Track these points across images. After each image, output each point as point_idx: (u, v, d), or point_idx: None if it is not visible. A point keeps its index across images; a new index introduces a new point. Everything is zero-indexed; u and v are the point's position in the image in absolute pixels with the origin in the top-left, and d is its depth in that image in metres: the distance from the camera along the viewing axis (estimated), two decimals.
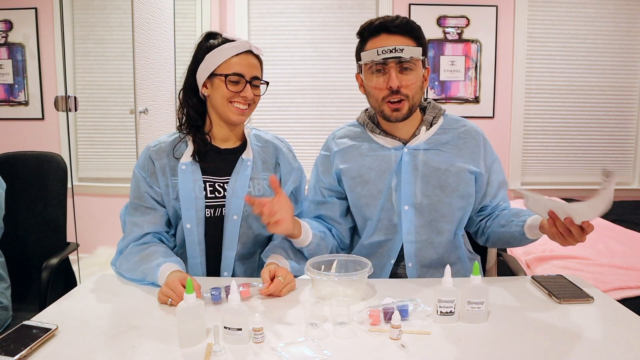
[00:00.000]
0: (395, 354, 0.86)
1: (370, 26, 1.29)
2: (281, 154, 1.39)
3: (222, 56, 1.28)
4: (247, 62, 1.30)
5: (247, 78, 1.29)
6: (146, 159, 1.33)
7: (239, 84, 1.28)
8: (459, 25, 3.45)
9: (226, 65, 1.28)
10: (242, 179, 1.31)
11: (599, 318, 1.01)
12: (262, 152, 1.37)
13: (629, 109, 3.59)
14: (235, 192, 1.30)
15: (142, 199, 1.31)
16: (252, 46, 1.32)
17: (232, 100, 1.29)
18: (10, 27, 3.43)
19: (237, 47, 1.29)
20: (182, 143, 1.34)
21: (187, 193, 1.28)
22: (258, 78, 1.33)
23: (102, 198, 3.35)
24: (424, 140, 1.33)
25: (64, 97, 2.53)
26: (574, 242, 1.11)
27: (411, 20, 1.29)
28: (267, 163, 1.37)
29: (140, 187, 1.32)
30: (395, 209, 1.33)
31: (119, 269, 1.27)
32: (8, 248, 1.52)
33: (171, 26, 3.02)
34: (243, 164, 1.33)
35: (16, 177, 1.70)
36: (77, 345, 0.90)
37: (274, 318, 1.01)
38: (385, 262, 1.36)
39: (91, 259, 3.30)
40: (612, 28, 3.49)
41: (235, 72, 1.28)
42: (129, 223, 1.32)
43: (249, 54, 1.31)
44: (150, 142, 1.37)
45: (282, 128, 3.52)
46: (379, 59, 1.25)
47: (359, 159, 1.36)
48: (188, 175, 1.29)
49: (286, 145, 1.44)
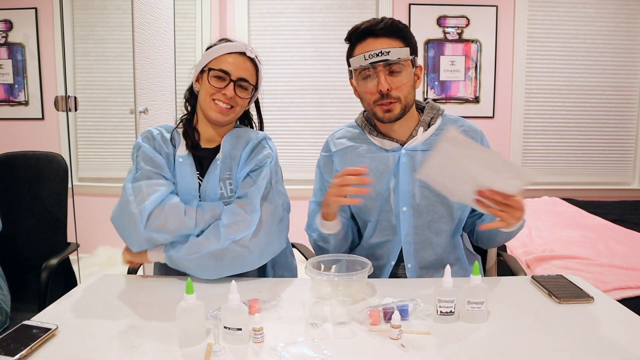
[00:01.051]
0: (395, 353, 0.86)
1: (356, 31, 1.29)
2: (248, 145, 1.33)
3: (215, 53, 1.30)
4: (238, 62, 1.30)
5: (232, 77, 1.28)
6: (152, 140, 1.32)
7: (222, 81, 1.28)
8: (459, 25, 3.45)
9: (216, 62, 1.29)
10: (212, 180, 1.30)
11: (598, 318, 1.01)
12: (232, 149, 1.33)
13: (629, 109, 3.59)
14: (208, 195, 1.30)
15: (158, 167, 1.27)
16: (247, 48, 1.31)
17: (214, 97, 1.28)
18: (10, 27, 3.43)
19: (231, 47, 1.30)
20: (176, 134, 1.36)
21: (185, 187, 1.29)
22: (246, 80, 1.31)
23: (102, 198, 3.35)
24: (421, 141, 1.33)
25: (64, 97, 2.53)
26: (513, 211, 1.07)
27: (397, 21, 1.28)
28: (235, 159, 1.32)
29: (155, 158, 1.28)
30: (393, 210, 1.33)
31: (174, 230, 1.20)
32: (8, 248, 1.52)
33: (171, 26, 3.02)
34: (213, 164, 1.31)
35: (16, 177, 1.70)
36: (77, 345, 0.90)
37: (274, 318, 1.01)
38: (385, 263, 1.36)
39: (91, 259, 3.30)
40: (612, 28, 3.49)
41: (221, 69, 1.28)
42: (143, 187, 1.22)
43: (242, 56, 1.31)
44: (152, 129, 1.36)
45: (282, 128, 3.53)
46: (367, 63, 1.25)
47: (357, 160, 1.36)
48: (186, 168, 1.30)
49: (260, 139, 1.35)
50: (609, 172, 3.65)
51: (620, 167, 3.65)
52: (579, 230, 2.48)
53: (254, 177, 1.29)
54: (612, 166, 3.65)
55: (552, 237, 2.34)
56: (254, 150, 1.33)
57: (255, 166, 1.30)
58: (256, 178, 1.28)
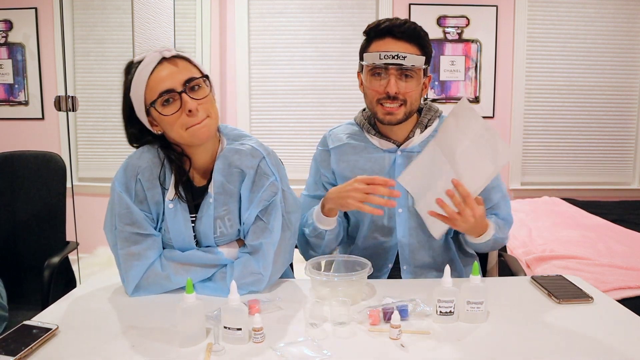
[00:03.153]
0: (394, 353, 0.86)
1: (377, 27, 1.26)
2: (246, 178, 1.15)
3: (140, 81, 1.07)
4: (168, 71, 1.07)
5: (177, 89, 1.06)
6: (134, 184, 1.13)
7: (173, 102, 1.06)
8: (459, 25, 3.45)
9: (149, 90, 1.06)
10: (206, 222, 1.15)
11: (598, 318, 1.01)
12: (226, 181, 1.15)
13: (629, 109, 3.59)
14: (203, 237, 1.16)
15: (137, 225, 1.12)
16: (164, 50, 1.08)
17: (185, 125, 1.07)
18: (10, 27, 3.43)
19: (148, 65, 1.07)
20: (167, 169, 1.15)
21: (178, 234, 1.15)
22: (193, 78, 1.08)
23: (102, 198, 3.35)
24: (417, 143, 1.33)
25: (64, 97, 2.54)
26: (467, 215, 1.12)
27: (419, 27, 1.26)
28: (233, 195, 1.16)
29: (133, 213, 1.12)
30: (387, 211, 1.32)
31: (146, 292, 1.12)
32: (7, 247, 1.53)
33: (171, 26, 3.02)
34: (206, 202, 1.15)
35: (16, 177, 1.70)
36: (77, 345, 0.90)
37: (274, 318, 1.01)
38: (383, 265, 1.36)
39: (91, 259, 3.30)
40: (612, 28, 3.49)
41: (159, 92, 1.05)
42: (124, 256, 1.11)
43: (165, 62, 1.08)
44: (133, 158, 1.15)
45: (282, 128, 3.53)
46: (381, 63, 1.23)
47: (353, 158, 1.36)
48: (177, 215, 1.14)
49: (256, 164, 1.16)
50: (609, 172, 3.65)
51: (620, 167, 3.65)
52: (579, 230, 2.48)
53: (266, 220, 1.15)
54: (612, 166, 3.65)
55: (552, 237, 2.34)
56: (254, 182, 1.15)
57: (263, 206, 1.15)
58: (268, 221, 1.14)
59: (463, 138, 1.11)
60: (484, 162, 1.10)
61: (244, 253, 1.17)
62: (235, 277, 1.10)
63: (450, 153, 1.13)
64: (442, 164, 1.14)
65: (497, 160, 1.10)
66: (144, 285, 1.12)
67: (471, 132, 1.11)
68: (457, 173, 1.12)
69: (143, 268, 1.11)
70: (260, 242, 1.14)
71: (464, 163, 1.12)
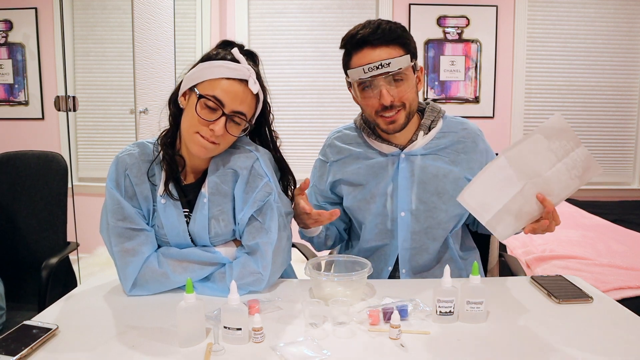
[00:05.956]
0: (394, 353, 0.87)
1: (353, 40, 1.20)
2: (240, 179, 1.15)
3: (212, 72, 1.07)
4: (236, 91, 1.07)
5: (226, 109, 1.06)
6: (123, 179, 1.15)
7: (212, 112, 1.07)
8: (459, 25, 3.45)
9: (210, 85, 1.07)
10: (200, 221, 1.15)
11: (598, 318, 1.01)
12: (220, 182, 1.16)
13: (629, 109, 3.59)
14: (198, 236, 1.17)
15: (129, 220, 1.13)
16: (251, 77, 1.08)
17: (198, 129, 1.08)
18: (10, 27, 3.43)
19: (232, 70, 1.07)
20: (156, 164, 1.16)
21: (172, 229, 1.16)
22: (242, 114, 1.09)
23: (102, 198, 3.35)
24: (421, 146, 1.30)
25: (64, 97, 2.54)
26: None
27: (394, 26, 1.20)
28: (227, 196, 1.16)
29: (124, 208, 1.13)
30: (390, 214, 1.31)
31: (143, 291, 1.13)
32: (7, 247, 1.53)
33: (171, 26, 3.03)
34: (200, 201, 1.15)
35: (16, 177, 1.70)
36: (77, 345, 0.90)
37: (273, 318, 1.01)
38: (382, 268, 1.35)
39: (91, 259, 3.30)
40: (612, 28, 3.49)
41: (215, 96, 1.06)
42: (118, 253, 1.12)
43: (243, 84, 1.08)
44: (122, 154, 1.17)
45: (281, 128, 3.47)
46: (366, 77, 1.18)
47: (355, 166, 1.34)
48: (170, 211, 1.15)
49: (250, 165, 1.16)
50: (609, 172, 3.65)
51: (620, 167, 3.65)
52: (579, 230, 2.48)
53: (261, 220, 1.14)
54: (612, 166, 3.65)
55: (552, 237, 2.34)
56: (248, 183, 1.15)
57: (258, 206, 1.15)
58: (263, 221, 1.14)
59: (555, 160, 1.08)
60: (572, 181, 1.10)
61: (242, 253, 1.18)
62: (234, 278, 1.11)
63: (535, 173, 1.07)
64: (516, 181, 1.06)
65: (585, 176, 1.10)
66: (141, 283, 1.12)
67: (563, 153, 1.08)
68: (542, 189, 1.09)
69: (139, 264, 1.12)
70: (257, 242, 1.15)
71: (552, 182, 1.09)
